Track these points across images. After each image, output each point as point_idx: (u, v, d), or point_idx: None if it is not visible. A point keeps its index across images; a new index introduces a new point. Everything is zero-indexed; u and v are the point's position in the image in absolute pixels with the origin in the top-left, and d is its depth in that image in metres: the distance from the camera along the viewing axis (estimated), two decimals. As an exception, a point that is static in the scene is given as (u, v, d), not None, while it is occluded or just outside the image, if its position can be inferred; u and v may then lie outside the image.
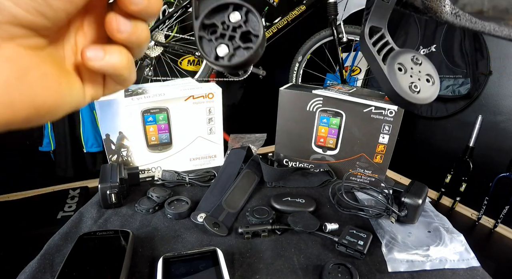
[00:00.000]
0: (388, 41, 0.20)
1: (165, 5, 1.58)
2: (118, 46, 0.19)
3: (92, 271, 0.37)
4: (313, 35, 1.66)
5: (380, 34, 0.20)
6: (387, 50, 0.20)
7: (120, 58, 0.19)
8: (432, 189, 1.88)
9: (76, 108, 0.19)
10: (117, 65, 0.19)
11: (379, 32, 0.20)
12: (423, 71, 0.19)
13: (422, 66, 0.19)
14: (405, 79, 0.18)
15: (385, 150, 0.61)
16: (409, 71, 0.19)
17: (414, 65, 0.19)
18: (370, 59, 0.20)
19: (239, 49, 0.17)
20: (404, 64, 0.19)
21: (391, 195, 0.52)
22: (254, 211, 0.52)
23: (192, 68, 1.84)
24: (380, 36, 0.20)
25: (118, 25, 0.18)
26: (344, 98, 0.60)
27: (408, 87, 0.18)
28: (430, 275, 0.42)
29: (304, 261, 0.44)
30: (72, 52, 0.19)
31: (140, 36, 0.19)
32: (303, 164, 0.69)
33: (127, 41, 0.19)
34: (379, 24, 0.20)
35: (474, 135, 1.61)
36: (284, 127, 0.67)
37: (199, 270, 0.37)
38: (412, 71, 0.19)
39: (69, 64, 0.19)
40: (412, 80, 0.18)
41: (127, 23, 0.18)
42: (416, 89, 0.18)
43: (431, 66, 0.19)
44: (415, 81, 0.18)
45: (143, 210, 0.53)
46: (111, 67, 0.19)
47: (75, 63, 0.19)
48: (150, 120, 0.62)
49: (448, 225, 0.51)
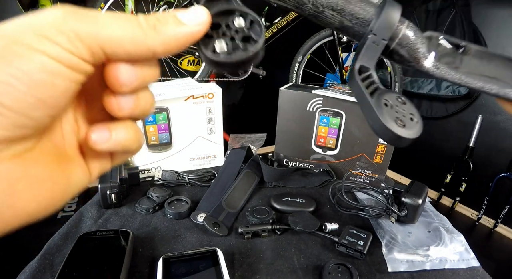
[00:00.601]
0: (375, 81, 0.21)
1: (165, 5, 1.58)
2: (123, 122, 0.18)
3: (92, 271, 0.37)
4: (313, 35, 1.66)
5: (368, 74, 0.21)
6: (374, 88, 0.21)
7: (127, 135, 0.18)
8: (432, 189, 1.88)
9: (81, 190, 0.18)
10: (125, 142, 0.18)
11: (367, 72, 0.21)
12: (407, 110, 0.20)
13: (406, 106, 0.20)
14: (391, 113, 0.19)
15: (385, 150, 0.61)
16: (394, 107, 0.20)
17: (399, 104, 0.20)
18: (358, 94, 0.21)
19: (237, 49, 0.18)
20: (390, 101, 0.20)
21: (391, 195, 0.52)
22: (254, 211, 0.52)
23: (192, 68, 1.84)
24: (368, 75, 0.21)
25: (119, 104, 0.17)
26: (344, 98, 0.60)
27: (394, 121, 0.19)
28: (430, 275, 0.42)
29: (304, 261, 0.44)
30: (73, 132, 0.18)
31: (144, 107, 0.18)
32: (303, 164, 0.69)
33: (131, 116, 0.18)
34: (368, 64, 0.21)
35: (474, 135, 1.61)
36: (284, 127, 0.67)
37: (199, 270, 0.37)
38: (397, 108, 0.20)
39: (71, 146, 0.18)
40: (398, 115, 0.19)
41: (128, 99, 0.17)
42: (402, 123, 0.19)
43: (414, 107, 0.20)
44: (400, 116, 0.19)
45: (143, 210, 0.53)
46: (119, 145, 0.18)
47: (78, 143, 0.18)
48: (150, 120, 0.62)
49: (448, 225, 0.51)
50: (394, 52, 0.22)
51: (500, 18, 1.48)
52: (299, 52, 1.70)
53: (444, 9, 1.61)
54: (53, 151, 0.16)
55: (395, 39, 0.22)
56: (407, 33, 0.22)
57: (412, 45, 0.22)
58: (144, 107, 0.18)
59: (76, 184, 0.18)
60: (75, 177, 0.18)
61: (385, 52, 0.22)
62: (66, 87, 0.14)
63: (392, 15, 0.21)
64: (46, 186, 0.16)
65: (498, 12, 1.49)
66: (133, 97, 0.17)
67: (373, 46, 0.21)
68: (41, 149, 0.16)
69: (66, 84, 0.14)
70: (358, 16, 0.22)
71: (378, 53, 0.21)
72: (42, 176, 0.15)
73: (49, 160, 0.16)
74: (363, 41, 0.22)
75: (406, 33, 0.22)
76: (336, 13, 0.22)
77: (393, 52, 0.22)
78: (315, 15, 0.22)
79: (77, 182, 0.18)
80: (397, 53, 0.22)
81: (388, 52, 0.22)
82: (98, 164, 0.19)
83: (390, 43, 0.22)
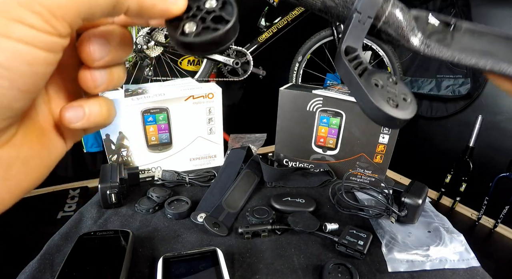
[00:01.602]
0: (363, 61, 0.20)
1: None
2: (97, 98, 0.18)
3: (92, 271, 0.37)
4: (313, 35, 1.66)
5: (356, 54, 0.20)
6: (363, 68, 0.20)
7: (100, 111, 0.18)
8: (432, 189, 1.88)
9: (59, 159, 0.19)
10: (99, 118, 0.18)
11: (354, 52, 0.20)
12: (398, 90, 0.19)
13: (397, 85, 0.19)
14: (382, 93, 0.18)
15: (385, 150, 0.61)
16: (385, 87, 0.19)
17: (390, 84, 0.19)
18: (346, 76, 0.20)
19: (207, 30, 0.17)
20: (380, 81, 0.19)
21: (391, 195, 0.52)
22: (254, 211, 0.52)
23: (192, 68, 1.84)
24: (355, 55, 0.20)
25: (94, 82, 0.17)
26: (344, 98, 0.60)
27: (386, 101, 0.18)
28: (430, 275, 0.42)
29: (304, 261, 0.44)
30: (48, 110, 0.17)
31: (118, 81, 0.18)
32: (303, 164, 0.69)
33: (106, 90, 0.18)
34: (355, 44, 0.21)
35: (474, 135, 1.61)
36: (284, 127, 0.67)
37: (199, 270, 0.37)
38: (388, 88, 0.19)
39: (47, 123, 0.17)
40: (389, 96, 0.18)
41: (103, 75, 0.17)
42: (394, 103, 0.18)
43: (407, 87, 0.19)
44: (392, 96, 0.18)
45: (143, 210, 0.53)
46: (93, 123, 0.17)
47: (54, 121, 0.18)
48: (150, 120, 0.62)
49: (448, 225, 0.51)
50: (382, 31, 0.21)
51: (500, 18, 1.48)
52: (299, 52, 1.70)
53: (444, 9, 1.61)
54: (33, 130, 0.16)
55: (381, 17, 0.21)
56: (393, 11, 0.21)
57: (400, 23, 0.21)
58: (118, 80, 0.18)
59: (56, 156, 0.18)
60: (55, 149, 0.18)
61: (372, 32, 0.22)
62: (46, 71, 0.14)
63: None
64: (35, 164, 0.16)
65: (498, 12, 1.49)
66: (106, 72, 0.17)
67: (359, 26, 0.20)
68: (24, 131, 0.16)
69: (46, 68, 0.14)
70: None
71: (365, 32, 0.21)
72: (30, 156, 0.16)
73: (33, 139, 0.16)
74: (348, 22, 0.21)
75: (392, 11, 0.21)
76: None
77: (380, 31, 0.21)
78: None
79: (57, 154, 0.18)
80: (385, 32, 0.21)
81: (375, 32, 0.22)
82: (73, 135, 0.19)
83: (376, 22, 0.21)
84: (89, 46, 0.16)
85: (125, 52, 0.17)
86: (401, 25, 0.21)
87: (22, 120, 0.16)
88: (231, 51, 1.57)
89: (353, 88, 0.19)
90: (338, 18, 0.22)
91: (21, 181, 0.16)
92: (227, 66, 1.59)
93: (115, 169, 0.56)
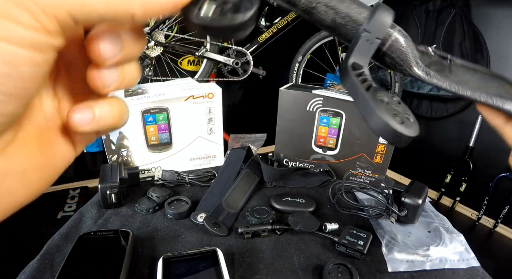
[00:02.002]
0: (368, 78, 0.21)
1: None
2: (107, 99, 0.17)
3: (92, 271, 0.37)
4: (313, 35, 1.66)
5: (362, 71, 0.21)
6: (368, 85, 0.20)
7: (111, 113, 0.16)
8: (432, 189, 1.88)
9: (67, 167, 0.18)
10: (110, 122, 0.16)
11: (361, 69, 0.21)
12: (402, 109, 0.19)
13: (401, 105, 0.20)
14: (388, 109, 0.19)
15: (385, 150, 0.61)
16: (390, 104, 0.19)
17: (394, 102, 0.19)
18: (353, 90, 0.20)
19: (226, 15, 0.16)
20: (385, 98, 0.19)
21: (391, 195, 0.52)
22: (254, 211, 0.52)
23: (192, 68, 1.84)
24: (361, 72, 0.21)
25: (103, 81, 0.15)
26: (344, 98, 0.60)
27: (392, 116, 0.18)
28: (430, 275, 0.42)
29: (304, 261, 0.44)
30: (56, 111, 0.16)
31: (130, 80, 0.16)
32: (303, 164, 0.69)
33: (117, 90, 0.16)
34: (361, 62, 0.21)
35: (474, 135, 1.61)
36: (284, 127, 0.67)
37: (199, 270, 0.37)
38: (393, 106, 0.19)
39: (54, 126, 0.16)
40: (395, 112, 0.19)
41: (113, 75, 0.15)
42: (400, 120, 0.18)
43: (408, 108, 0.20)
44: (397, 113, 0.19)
45: (143, 210, 0.53)
46: (103, 126, 0.16)
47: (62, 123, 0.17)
48: (150, 120, 0.62)
49: (448, 225, 0.51)
50: (386, 55, 0.22)
51: (500, 18, 1.48)
52: (299, 52, 1.70)
53: (444, 9, 1.61)
54: (35, 137, 0.15)
55: (387, 41, 0.22)
56: (398, 37, 0.22)
57: (404, 49, 0.22)
58: (129, 82, 0.16)
59: (62, 164, 0.17)
60: (61, 157, 0.17)
61: (377, 54, 0.22)
62: (35, 73, 0.12)
63: (386, 16, 0.21)
64: (34, 176, 0.15)
65: (498, 12, 1.49)
66: (118, 71, 0.15)
67: (367, 44, 0.21)
68: (23, 139, 0.15)
69: (36, 70, 0.12)
70: (351, 14, 0.21)
71: (372, 52, 0.21)
72: (29, 167, 0.15)
73: (33, 148, 0.15)
74: (355, 40, 0.21)
75: (397, 37, 0.22)
76: (329, 9, 0.21)
77: (384, 55, 0.22)
78: (307, 11, 0.22)
79: (63, 162, 0.17)
80: (389, 56, 0.22)
81: (380, 55, 0.22)
82: (83, 139, 0.18)
83: (382, 46, 0.22)
84: (99, 45, 0.14)
85: (138, 48, 0.16)
86: (405, 52, 0.22)
87: (21, 126, 0.14)
88: (231, 51, 1.57)
89: (360, 103, 0.19)
90: (345, 36, 0.22)
91: (16, 196, 0.14)
92: (227, 66, 1.59)
93: (115, 169, 0.56)
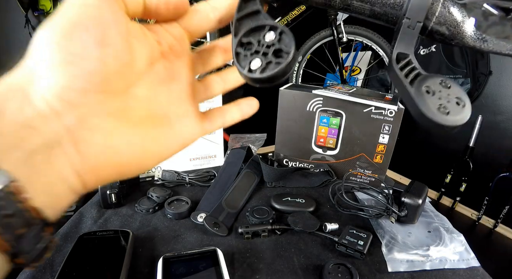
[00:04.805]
0: (415, 67, 0.20)
1: None
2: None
3: (92, 271, 0.37)
4: (313, 35, 1.66)
5: (407, 60, 0.20)
6: (415, 74, 0.20)
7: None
8: (432, 189, 1.88)
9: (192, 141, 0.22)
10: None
11: (406, 58, 0.20)
12: (452, 94, 0.19)
13: (451, 89, 0.19)
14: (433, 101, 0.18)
15: (385, 150, 0.61)
16: (437, 93, 0.18)
17: (443, 88, 0.19)
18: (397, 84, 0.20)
19: (271, 64, 0.18)
20: (432, 87, 0.19)
21: (391, 195, 0.52)
22: (254, 211, 0.52)
23: (192, 68, 1.83)
24: (407, 62, 0.20)
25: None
26: (344, 98, 0.60)
27: (436, 108, 0.18)
28: (430, 275, 0.42)
29: (304, 261, 0.44)
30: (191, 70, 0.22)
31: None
32: (303, 164, 0.69)
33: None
34: (406, 50, 0.21)
35: (474, 135, 1.61)
36: (284, 127, 0.67)
37: (199, 270, 0.37)
38: (440, 94, 0.19)
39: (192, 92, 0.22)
40: (441, 102, 0.18)
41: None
42: (445, 110, 0.18)
43: (461, 90, 0.19)
44: (443, 103, 0.18)
45: (143, 210, 0.53)
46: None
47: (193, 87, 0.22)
48: (150, 120, 0.62)
49: (448, 225, 0.51)
50: (434, 32, 0.21)
51: (500, 18, 1.48)
52: (299, 52, 1.70)
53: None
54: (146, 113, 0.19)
55: (432, 18, 0.20)
56: (444, 10, 0.20)
57: (452, 22, 0.20)
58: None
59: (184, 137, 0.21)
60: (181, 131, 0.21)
61: (424, 33, 0.21)
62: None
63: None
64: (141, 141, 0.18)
65: (498, 12, 1.48)
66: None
67: (409, 31, 0.20)
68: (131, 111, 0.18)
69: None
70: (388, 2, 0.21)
71: (415, 37, 0.21)
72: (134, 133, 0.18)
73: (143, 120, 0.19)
74: (398, 27, 0.21)
75: (442, 10, 0.20)
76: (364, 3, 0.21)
77: (432, 32, 0.21)
78: (344, 8, 0.22)
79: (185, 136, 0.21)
80: (437, 32, 0.21)
81: (427, 33, 0.21)
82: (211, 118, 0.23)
83: (428, 23, 0.21)
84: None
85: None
86: (453, 24, 0.20)
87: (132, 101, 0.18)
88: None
89: (405, 97, 0.19)
90: (388, 22, 0.22)
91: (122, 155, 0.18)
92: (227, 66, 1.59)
93: (115, 169, 0.55)
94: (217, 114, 0.23)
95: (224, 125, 0.24)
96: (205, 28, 0.22)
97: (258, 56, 0.19)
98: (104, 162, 0.17)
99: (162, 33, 0.20)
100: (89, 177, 0.16)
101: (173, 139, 0.20)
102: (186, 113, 0.21)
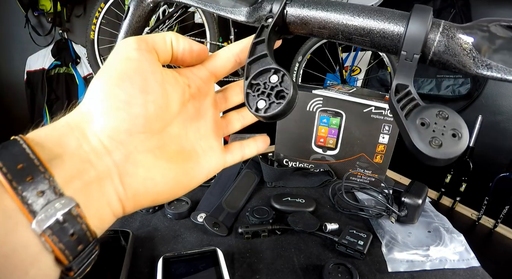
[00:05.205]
0: (414, 98, 0.20)
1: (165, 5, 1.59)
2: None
3: (92, 271, 0.37)
4: (313, 35, 1.66)
5: (406, 91, 0.21)
6: (413, 105, 0.20)
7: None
8: (432, 189, 1.88)
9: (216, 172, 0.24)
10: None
11: (405, 89, 0.21)
12: (448, 125, 0.19)
13: (448, 120, 0.19)
14: (426, 133, 0.18)
15: (385, 150, 0.61)
16: (432, 126, 0.19)
17: (439, 120, 0.19)
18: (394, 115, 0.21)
19: (273, 104, 0.21)
20: (427, 119, 0.19)
21: (391, 195, 0.52)
22: (254, 211, 0.52)
23: (192, 68, 1.83)
24: (406, 92, 0.21)
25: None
26: (344, 98, 0.60)
27: (428, 141, 0.18)
28: (430, 275, 0.42)
29: (304, 261, 0.44)
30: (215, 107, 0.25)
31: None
32: (303, 164, 0.69)
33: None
34: (405, 81, 0.21)
35: (474, 135, 1.61)
36: (284, 127, 0.67)
37: (199, 270, 0.37)
38: (435, 126, 0.19)
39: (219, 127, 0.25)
40: (434, 135, 0.18)
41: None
42: (437, 143, 0.18)
43: (459, 120, 0.19)
44: (437, 135, 0.18)
45: (143, 210, 0.53)
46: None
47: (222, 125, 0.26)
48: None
49: (448, 225, 0.51)
50: (434, 61, 0.21)
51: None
52: (299, 52, 1.70)
53: (444, 9, 1.61)
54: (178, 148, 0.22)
55: (431, 48, 0.20)
56: (443, 40, 0.20)
57: (452, 51, 0.20)
58: None
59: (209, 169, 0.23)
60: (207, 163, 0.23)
61: (425, 62, 0.21)
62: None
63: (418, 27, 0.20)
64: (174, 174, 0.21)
65: (498, 12, 1.49)
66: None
67: (407, 63, 0.21)
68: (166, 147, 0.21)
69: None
70: (386, 35, 0.22)
71: (414, 68, 0.21)
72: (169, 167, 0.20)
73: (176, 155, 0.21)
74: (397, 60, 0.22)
75: (441, 39, 0.20)
76: (364, 37, 0.23)
77: (433, 62, 0.21)
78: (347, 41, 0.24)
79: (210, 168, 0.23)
80: (438, 62, 0.21)
81: (428, 63, 0.21)
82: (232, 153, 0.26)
83: (427, 53, 0.21)
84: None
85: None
86: (454, 53, 0.20)
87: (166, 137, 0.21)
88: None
89: (400, 128, 0.20)
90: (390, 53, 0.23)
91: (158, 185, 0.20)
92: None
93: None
94: (237, 148, 0.26)
95: (243, 158, 0.27)
96: (227, 70, 0.25)
97: (263, 98, 0.21)
98: (143, 191, 0.19)
99: (191, 76, 0.23)
100: (129, 203, 0.19)
101: (201, 171, 0.23)
102: (211, 147, 0.24)
